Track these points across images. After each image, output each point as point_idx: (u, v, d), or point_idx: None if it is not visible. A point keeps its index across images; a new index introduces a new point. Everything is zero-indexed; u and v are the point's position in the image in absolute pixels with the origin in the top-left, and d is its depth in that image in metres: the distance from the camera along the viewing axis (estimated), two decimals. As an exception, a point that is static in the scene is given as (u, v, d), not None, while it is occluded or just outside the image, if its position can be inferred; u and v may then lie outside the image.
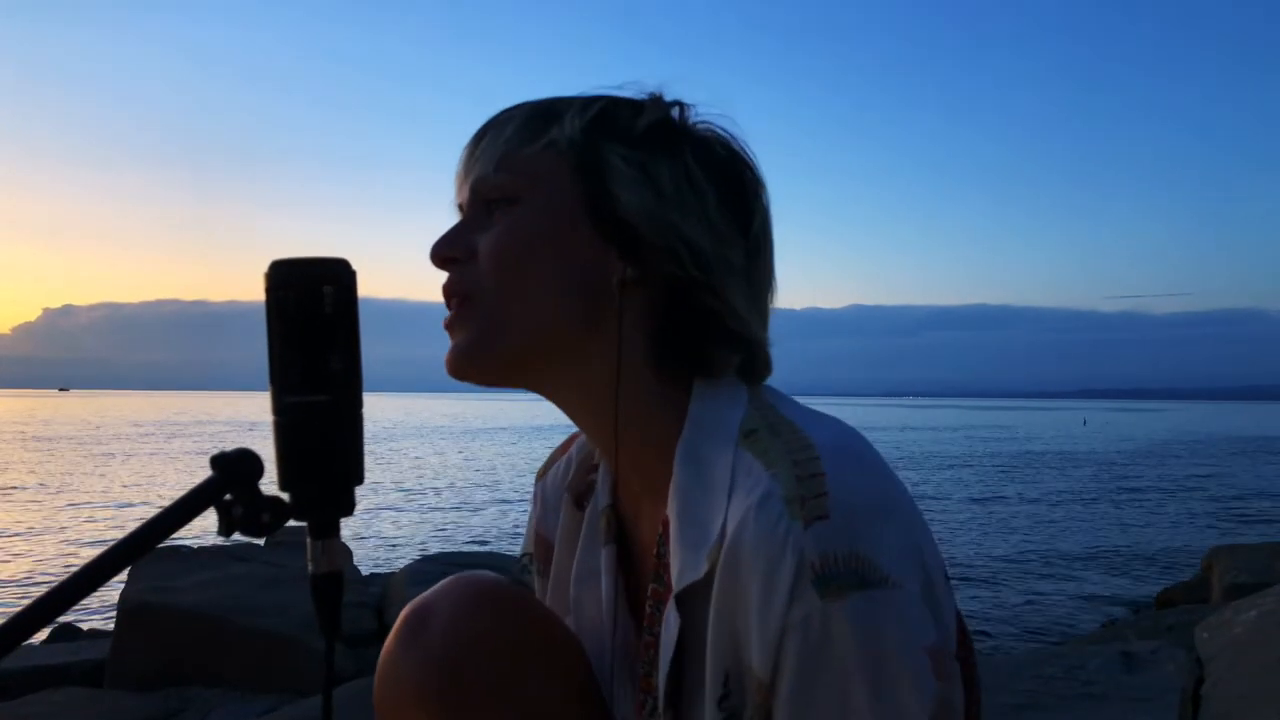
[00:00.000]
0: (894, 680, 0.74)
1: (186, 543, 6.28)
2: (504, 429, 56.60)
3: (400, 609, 1.00)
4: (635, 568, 0.99)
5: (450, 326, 0.91)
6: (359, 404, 0.72)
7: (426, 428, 57.71)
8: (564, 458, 1.13)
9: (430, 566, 6.00)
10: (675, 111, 0.92)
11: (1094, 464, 30.39)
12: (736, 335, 0.89)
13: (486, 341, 0.89)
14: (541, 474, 1.15)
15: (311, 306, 0.70)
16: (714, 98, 0.93)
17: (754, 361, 0.91)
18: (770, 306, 0.94)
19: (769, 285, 0.94)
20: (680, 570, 0.83)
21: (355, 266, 0.73)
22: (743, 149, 0.94)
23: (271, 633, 4.57)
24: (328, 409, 0.71)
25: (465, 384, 0.92)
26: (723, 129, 0.93)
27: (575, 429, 1.04)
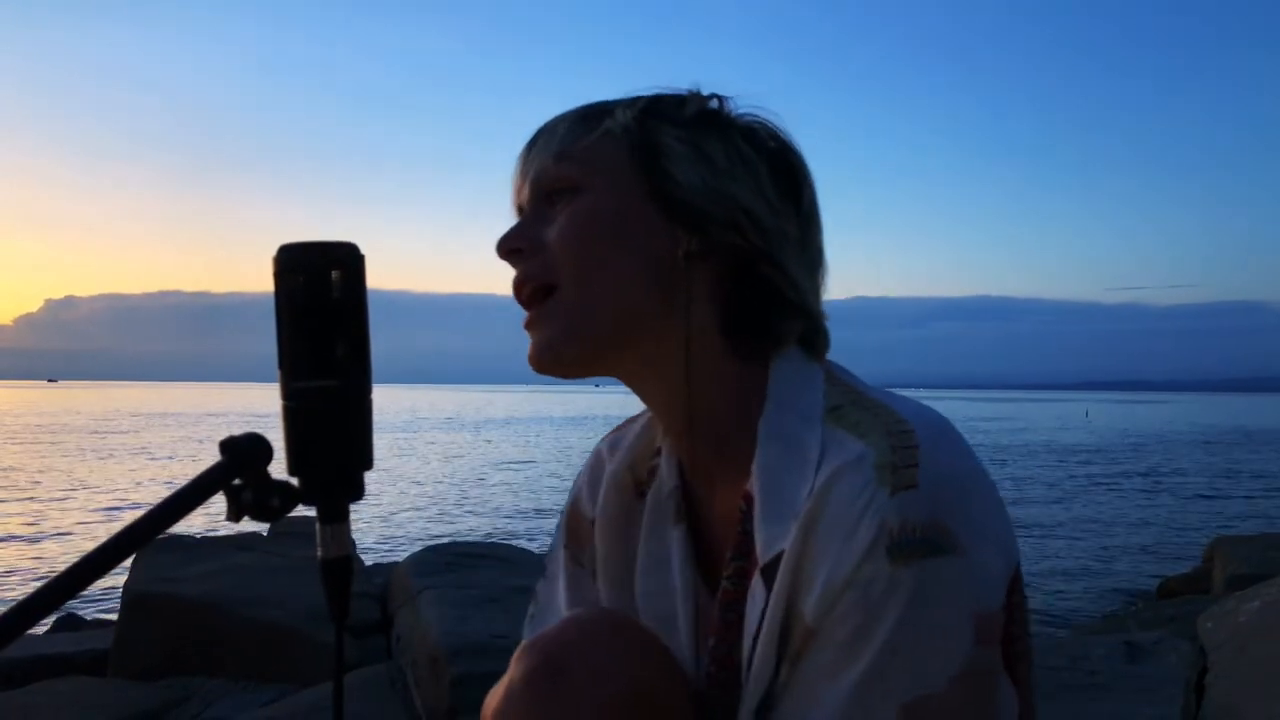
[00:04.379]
0: (927, 642, 0.75)
1: (190, 532, 6.28)
2: (509, 421, 56.62)
3: (403, 598, 0.98)
4: (707, 547, 0.98)
5: (531, 324, 0.92)
6: (368, 389, 0.72)
7: (431, 419, 57.74)
8: (619, 439, 1.11)
9: (434, 556, 6.00)
10: (716, 104, 0.94)
11: (1096, 455, 30.38)
12: (797, 306, 0.91)
13: (575, 333, 0.90)
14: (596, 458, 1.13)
15: (320, 291, 0.70)
16: (749, 95, 0.96)
17: (815, 335, 0.93)
18: (823, 285, 0.96)
19: (821, 262, 0.96)
20: (766, 542, 0.83)
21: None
22: (787, 136, 0.96)
23: (275, 623, 4.57)
24: (336, 394, 0.71)
25: (546, 376, 0.92)
26: (766, 119, 0.95)
27: (634, 413, 1.07)
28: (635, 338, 0.91)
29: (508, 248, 0.93)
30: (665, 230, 0.89)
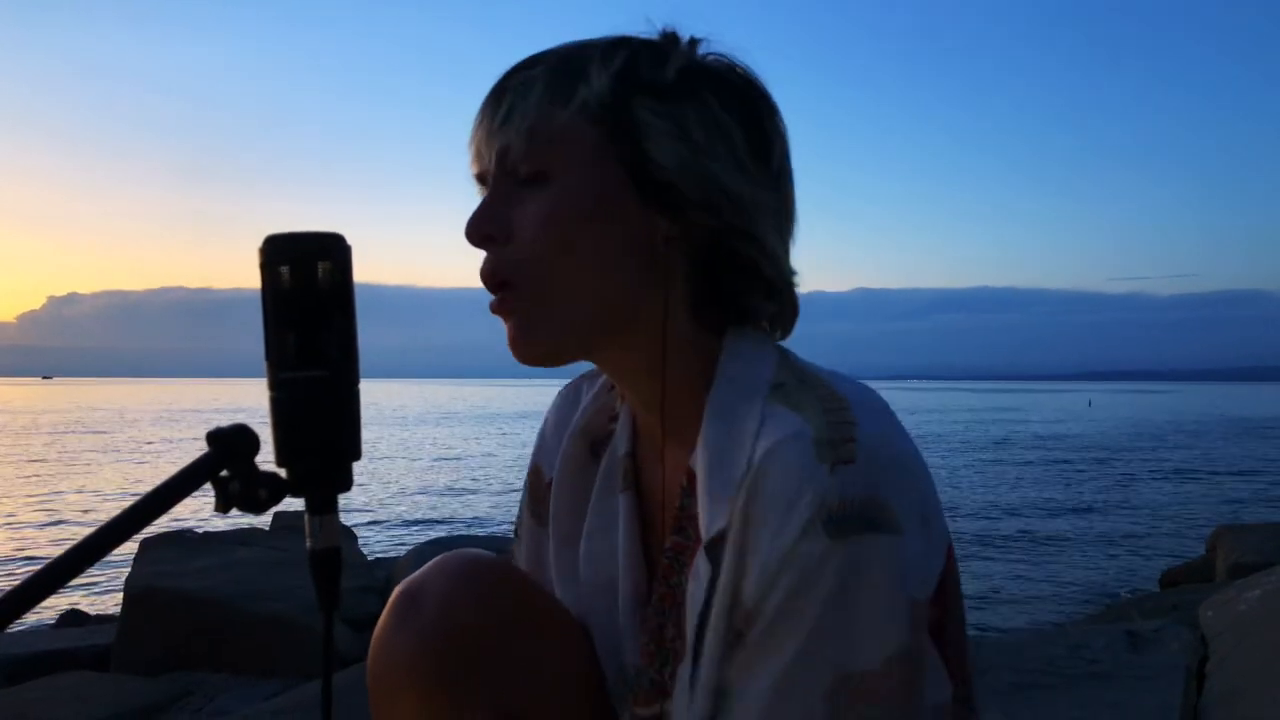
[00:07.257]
0: (862, 618, 0.75)
1: (192, 527, 6.30)
2: (509, 415, 56.66)
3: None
4: (650, 517, 0.99)
5: (501, 314, 0.89)
6: (355, 379, 0.72)
7: (431, 413, 57.81)
8: (576, 396, 1.11)
9: (436, 550, 6.01)
10: (689, 47, 0.89)
11: (1098, 445, 30.37)
12: (773, 282, 0.89)
13: (545, 326, 0.87)
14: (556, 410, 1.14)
15: (306, 281, 0.69)
16: (716, 33, 0.91)
17: (782, 308, 0.92)
18: (793, 235, 0.93)
19: (793, 214, 0.92)
20: (709, 520, 0.84)
21: (360, 252, 0.73)
22: (759, 84, 0.91)
23: (277, 617, 4.58)
24: (324, 384, 0.70)
25: (532, 368, 0.90)
26: (736, 63, 0.91)
27: (583, 368, 1.06)
28: (614, 327, 0.89)
29: (480, 235, 0.88)
30: (642, 216, 0.86)
